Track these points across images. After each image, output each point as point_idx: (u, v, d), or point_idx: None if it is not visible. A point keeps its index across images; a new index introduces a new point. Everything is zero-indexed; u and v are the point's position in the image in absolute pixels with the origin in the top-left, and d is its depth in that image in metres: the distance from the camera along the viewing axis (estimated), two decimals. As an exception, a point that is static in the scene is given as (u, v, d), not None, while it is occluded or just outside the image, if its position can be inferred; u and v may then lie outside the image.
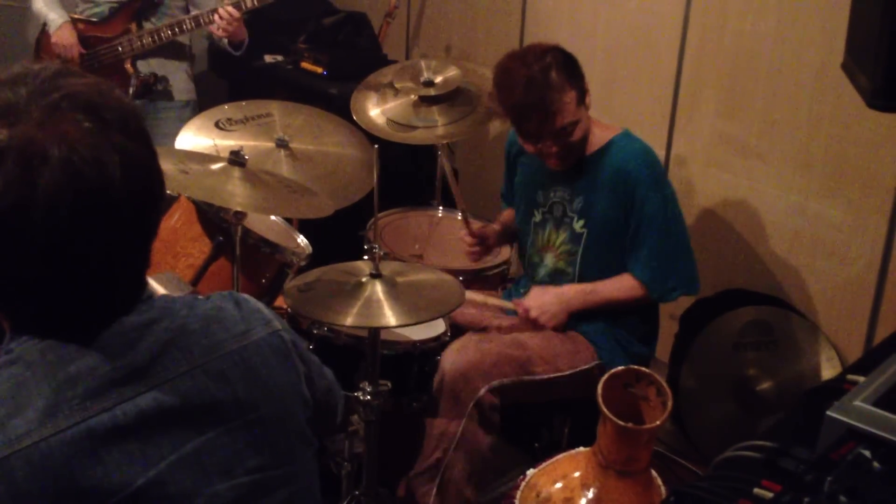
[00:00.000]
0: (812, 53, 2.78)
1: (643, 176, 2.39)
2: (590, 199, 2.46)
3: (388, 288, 2.11)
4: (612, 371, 1.79)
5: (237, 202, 2.19)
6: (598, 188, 2.43)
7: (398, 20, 4.30)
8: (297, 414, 1.22)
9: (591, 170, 2.45)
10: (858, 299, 2.78)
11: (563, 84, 2.33)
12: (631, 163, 2.40)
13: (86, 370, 1.03)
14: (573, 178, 2.49)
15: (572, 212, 2.50)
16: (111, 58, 3.43)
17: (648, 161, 2.44)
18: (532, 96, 2.32)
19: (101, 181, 1.00)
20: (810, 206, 2.87)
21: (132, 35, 3.40)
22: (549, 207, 2.56)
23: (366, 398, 2.22)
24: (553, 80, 2.31)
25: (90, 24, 3.45)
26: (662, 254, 2.42)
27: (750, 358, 2.90)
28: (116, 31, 3.42)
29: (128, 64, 3.45)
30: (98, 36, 3.44)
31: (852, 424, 1.19)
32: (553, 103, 2.32)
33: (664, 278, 2.43)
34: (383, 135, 3.02)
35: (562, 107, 2.33)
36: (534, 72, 2.32)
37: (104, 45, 3.43)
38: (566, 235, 2.52)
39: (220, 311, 1.19)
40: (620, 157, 2.42)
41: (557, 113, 2.33)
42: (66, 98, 1.02)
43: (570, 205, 2.50)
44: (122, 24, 3.42)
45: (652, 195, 2.39)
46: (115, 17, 3.44)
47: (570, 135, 2.38)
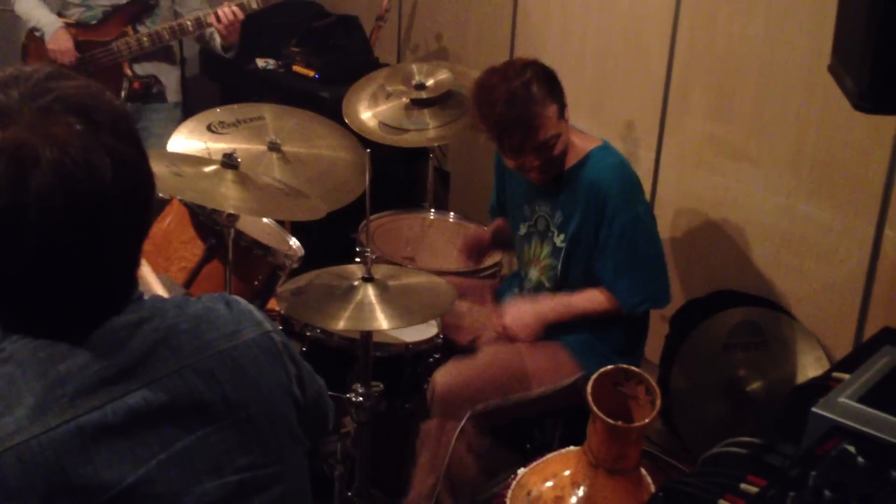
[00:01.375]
0: (800, 56, 2.80)
1: (614, 191, 2.37)
2: (567, 214, 2.46)
3: (380, 291, 2.12)
4: (601, 370, 1.81)
5: (230, 204, 2.20)
6: (575, 203, 2.43)
7: (390, 23, 4.30)
8: (287, 414, 1.23)
9: (569, 184, 2.45)
10: (847, 300, 2.80)
11: (544, 98, 2.31)
12: (604, 178, 2.39)
13: (76, 369, 1.04)
14: (553, 193, 2.49)
15: (553, 226, 2.51)
16: (108, 61, 3.43)
17: (621, 175, 2.42)
18: (514, 111, 2.29)
19: (92, 183, 1.01)
20: (799, 208, 2.89)
21: (129, 38, 3.41)
22: (534, 221, 2.57)
23: (358, 400, 2.23)
24: (535, 95, 2.30)
25: (84, 28, 3.45)
26: (629, 269, 2.40)
27: (740, 359, 2.91)
28: (112, 35, 3.42)
29: (125, 66, 3.46)
30: (93, 40, 3.43)
31: (837, 420, 1.21)
32: (535, 118, 2.30)
33: (632, 292, 2.42)
34: (375, 138, 3.03)
35: (544, 121, 2.31)
36: (515, 86, 2.30)
37: (99, 48, 3.43)
38: (549, 249, 2.53)
39: (210, 311, 1.20)
40: (594, 172, 2.41)
41: (540, 127, 2.31)
42: (58, 100, 1.02)
43: (551, 219, 2.51)
44: (118, 28, 3.42)
45: (621, 210, 2.37)
46: (110, 20, 3.44)
47: (552, 149, 2.36)
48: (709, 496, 1.20)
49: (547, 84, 2.34)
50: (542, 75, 2.34)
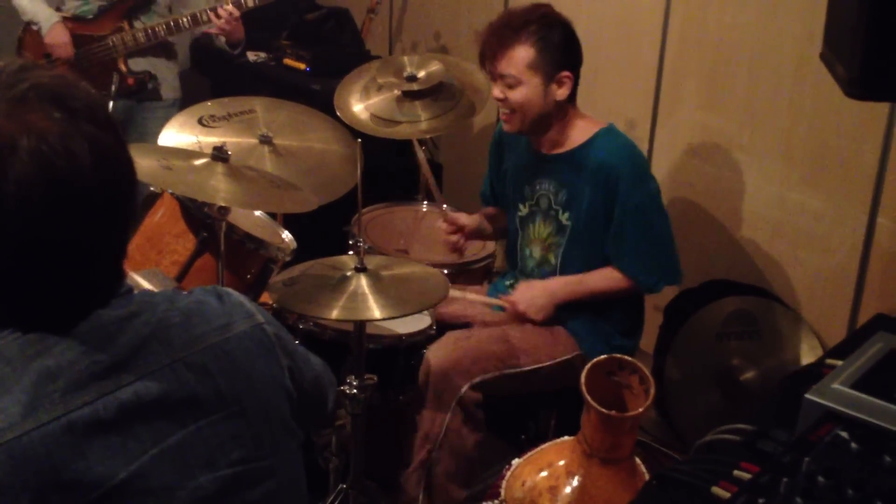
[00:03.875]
0: (792, 45, 2.80)
1: (626, 171, 2.40)
2: (574, 192, 2.47)
3: (373, 282, 2.11)
4: (595, 360, 1.80)
5: (221, 197, 2.19)
6: (581, 182, 2.44)
7: (381, 15, 4.30)
8: (280, 406, 1.22)
9: (576, 163, 2.46)
10: (840, 288, 2.80)
11: (527, 40, 2.37)
12: (614, 157, 2.41)
13: (66, 364, 1.03)
14: (558, 171, 2.50)
15: (557, 204, 2.51)
16: (103, 56, 3.41)
17: (632, 156, 2.45)
18: (498, 25, 2.41)
19: (71, 170, 1.00)
20: (792, 197, 2.89)
21: (125, 33, 3.39)
22: (535, 200, 2.57)
23: (352, 392, 2.22)
24: (522, 30, 2.37)
25: (80, 22, 3.43)
26: (647, 247, 2.43)
27: (734, 348, 2.92)
28: (107, 30, 3.40)
29: (121, 62, 3.44)
30: (89, 34, 3.41)
31: (830, 407, 1.21)
32: (504, 42, 2.38)
33: (649, 271, 2.45)
34: (367, 130, 3.02)
35: (510, 53, 2.38)
36: (516, 17, 2.40)
37: (95, 43, 3.41)
38: (552, 227, 2.53)
39: (201, 304, 1.19)
40: (604, 152, 2.43)
41: (502, 55, 2.39)
42: (33, 89, 1.02)
43: (555, 197, 2.51)
44: (114, 23, 3.40)
45: (635, 190, 2.40)
46: (106, 15, 3.42)
47: (511, 89, 2.41)
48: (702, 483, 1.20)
49: (545, 39, 2.39)
50: (550, 33, 2.40)
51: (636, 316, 2.63)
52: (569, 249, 2.51)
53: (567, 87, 2.43)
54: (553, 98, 2.43)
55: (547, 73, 2.40)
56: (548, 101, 2.43)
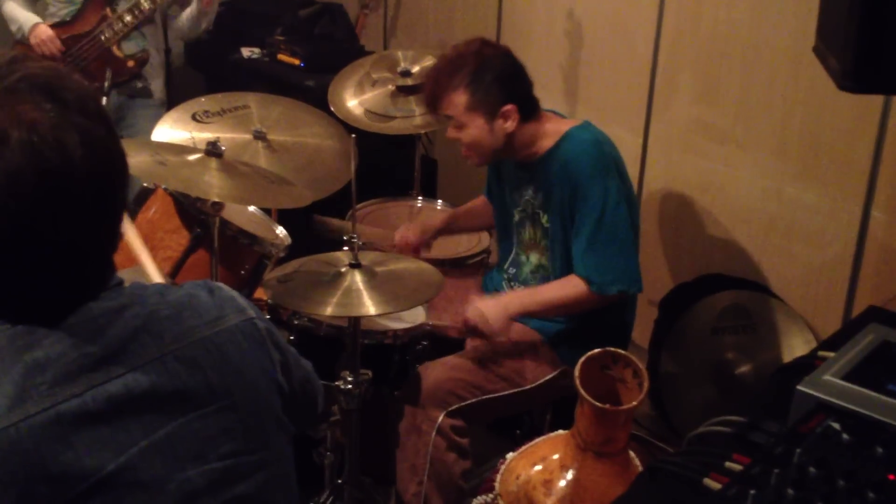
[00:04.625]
0: (786, 39, 2.79)
1: (585, 166, 2.35)
2: (547, 195, 2.45)
3: (368, 277, 2.11)
4: (589, 354, 1.81)
5: (215, 193, 2.19)
6: (551, 183, 2.43)
7: (375, 11, 4.30)
8: (271, 400, 1.22)
9: (546, 166, 2.45)
10: (834, 282, 2.81)
11: (460, 84, 2.39)
12: (575, 154, 2.38)
13: (55, 356, 1.03)
14: (534, 175, 2.49)
15: (538, 208, 2.50)
16: (97, 49, 3.41)
17: (595, 152, 2.39)
18: (434, 71, 2.49)
19: (62, 161, 1.00)
20: (786, 191, 2.89)
21: (110, 19, 3.38)
22: (522, 206, 2.57)
23: (347, 387, 2.23)
24: (455, 74, 2.40)
25: (63, 26, 3.43)
26: (599, 244, 2.35)
27: (728, 342, 2.92)
28: (92, 23, 3.40)
29: (115, 49, 3.43)
30: (76, 34, 3.41)
31: (822, 398, 1.22)
32: (440, 89, 2.43)
33: (601, 270, 2.35)
34: (361, 125, 3.02)
35: (447, 99, 2.42)
36: (451, 58, 2.44)
37: (84, 40, 3.40)
38: (540, 231, 2.53)
39: (192, 298, 1.19)
40: (568, 149, 2.40)
41: (441, 101, 2.44)
42: (24, 80, 1.02)
43: (535, 201, 2.51)
44: (96, 14, 3.40)
45: (591, 185, 2.35)
46: (87, 9, 3.41)
47: (460, 131, 2.44)
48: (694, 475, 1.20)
49: (473, 76, 2.39)
50: (479, 67, 2.39)
51: (620, 324, 2.58)
52: (552, 251, 2.50)
53: (513, 120, 2.40)
54: (502, 132, 2.42)
55: (487, 111, 2.40)
56: (496, 136, 2.43)
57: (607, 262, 2.36)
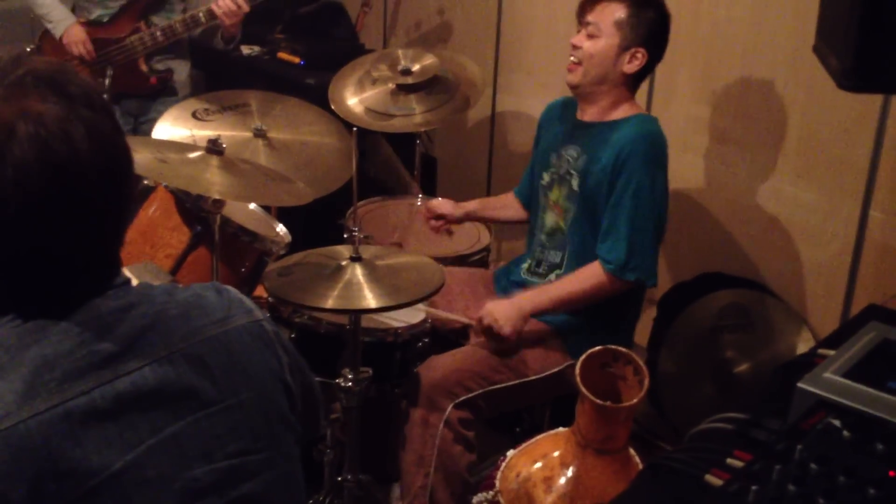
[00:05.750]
0: (784, 38, 2.80)
1: (639, 151, 2.38)
2: (591, 160, 2.47)
3: (369, 271, 2.12)
4: (589, 351, 1.81)
5: (216, 190, 2.19)
6: (601, 153, 2.44)
7: (375, 9, 4.30)
8: (278, 400, 1.23)
9: (604, 134, 2.46)
10: (833, 281, 2.81)
11: (625, 5, 2.42)
12: (634, 137, 2.41)
13: (63, 353, 1.04)
14: (586, 138, 2.51)
15: (573, 169, 2.51)
16: (123, 57, 3.41)
17: (653, 142, 2.43)
18: None
19: (68, 154, 1.01)
20: (785, 190, 2.90)
21: (143, 33, 3.39)
22: (557, 167, 2.58)
23: (347, 385, 2.23)
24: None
25: (96, 26, 3.43)
26: (633, 229, 2.37)
27: (728, 341, 2.93)
28: (125, 31, 3.40)
29: (142, 62, 3.44)
30: (107, 38, 3.41)
31: (822, 395, 1.22)
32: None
33: (626, 253, 2.37)
34: (362, 124, 3.02)
35: (605, 8, 2.43)
36: None
37: (114, 45, 3.41)
38: (566, 192, 2.53)
39: (200, 297, 1.20)
40: (635, 130, 2.43)
41: (600, 6, 2.44)
42: (30, 74, 1.03)
43: (574, 162, 2.51)
44: (131, 23, 3.40)
45: (641, 171, 2.38)
46: (122, 16, 3.41)
47: (589, 39, 2.44)
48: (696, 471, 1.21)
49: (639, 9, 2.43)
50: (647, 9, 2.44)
51: (628, 317, 2.60)
52: (576, 217, 2.51)
53: (636, 64, 2.45)
54: (620, 67, 2.45)
55: (627, 38, 2.43)
56: (615, 66, 2.45)
57: (634, 247, 2.38)
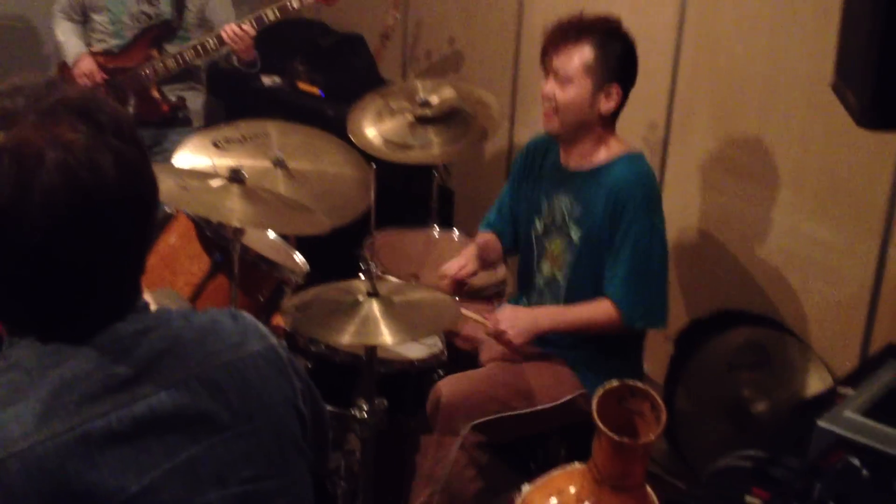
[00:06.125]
0: (803, 75, 2.81)
1: (636, 197, 2.39)
2: (586, 210, 2.47)
3: (385, 307, 2.12)
4: (607, 386, 1.80)
5: (236, 218, 2.21)
6: (596, 200, 2.44)
7: (395, 42, 4.33)
8: (292, 426, 1.22)
9: (595, 181, 2.46)
10: (851, 320, 2.79)
11: (589, 42, 2.39)
12: (629, 182, 2.41)
13: (82, 375, 1.04)
14: (577, 187, 2.50)
15: (570, 220, 2.51)
16: (136, 85, 3.45)
17: (647, 185, 2.45)
18: (566, 22, 2.43)
19: (95, 182, 1.02)
20: (802, 227, 2.89)
21: (155, 61, 3.43)
22: (551, 216, 2.57)
23: (362, 416, 2.23)
24: (587, 31, 2.40)
25: (110, 56, 3.48)
26: (638, 277, 2.39)
27: (744, 379, 2.91)
28: (137, 60, 3.44)
29: (154, 90, 3.47)
30: (120, 66, 3.46)
31: (841, 434, 1.22)
32: (568, 39, 2.40)
33: (635, 302, 2.40)
34: (380, 154, 3.04)
35: (570, 50, 2.40)
36: (584, 19, 2.43)
37: (126, 74, 3.45)
38: (564, 243, 2.53)
39: (216, 323, 1.20)
40: (621, 175, 2.43)
41: (562, 50, 2.41)
42: (61, 102, 1.04)
43: (569, 212, 2.51)
44: (143, 52, 3.44)
45: (640, 217, 2.39)
46: (135, 44, 3.46)
47: (561, 88, 2.42)
48: (714, 509, 1.20)
49: (604, 48, 2.40)
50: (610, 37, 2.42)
51: (637, 353, 2.61)
52: (575, 268, 2.50)
53: (614, 102, 2.44)
54: (598, 108, 2.44)
55: (599, 80, 2.41)
56: (592, 109, 2.44)
57: (641, 296, 2.40)
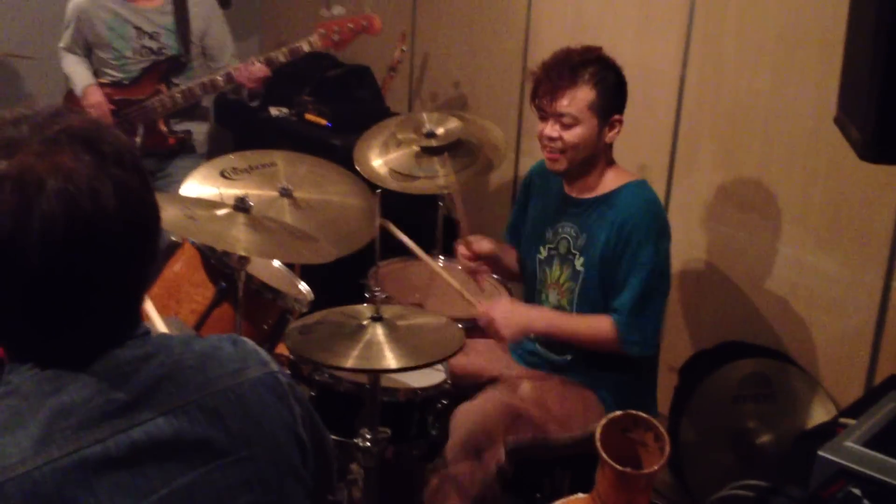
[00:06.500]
0: (806, 109, 2.83)
1: (643, 224, 2.41)
2: (592, 239, 2.48)
3: (389, 331, 2.13)
4: (610, 416, 1.80)
5: (241, 247, 2.22)
6: (601, 229, 2.45)
7: (401, 74, 4.37)
8: (290, 453, 1.23)
9: (600, 209, 2.48)
10: (856, 352, 2.79)
11: (589, 80, 2.39)
12: (636, 210, 2.42)
13: (80, 401, 1.05)
14: (582, 216, 2.52)
15: (575, 249, 2.51)
16: (143, 118, 3.49)
17: (653, 212, 2.46)
18: (560, 65, 2.39)
19: (95, 210, 1.03)
20: (807, 259, 2.90)
21: (163, 95, 3.47)
22: (556, 244, 2.58)
23: (365, 445, 2.22)
24: (582, 69, 2.38)
25: (118, 87, 3.52)
26: (642, 304, 2.40)
27: (749, 410, 2.90)
28: (146, 93, 3.49)
29: (161, 123, 3.51)
30: (128, 99, 3.50)
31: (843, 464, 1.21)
32: (569, 80, 2.37)
33: (634, 328, 2.41)
34: (385, 184, 3.06)
35: (572, 93, 2.38)
36: (576, 55, 2.41)
37: (134, 106, 3.49)
38: (568, 272, 2.54)
39: (216, 349, 1.21)
40: (627, 203, 2.44)
41: (563, 94, 2.38)
42: (65, 132, 1.05)
43: (574, 241, 2.52)
44: (152, 85, 3.49)
45: (647, 246, 2.40)
46: (144, 78, 3.51)
47: (567, 129, 2.40)
48: (715, 538, 1.20)
49: (603, 80, 2.41)
50: (606, 73, 2.42)
51: (652, 383, 2.63)
52: (581, 296, 2.51)
53: (617, 130, 2.47)
54: (603, 140, 2.46)
55: (604, 115, 2.43)
56: (599, 143, 2.46)
57: (641, 325, 2.41)
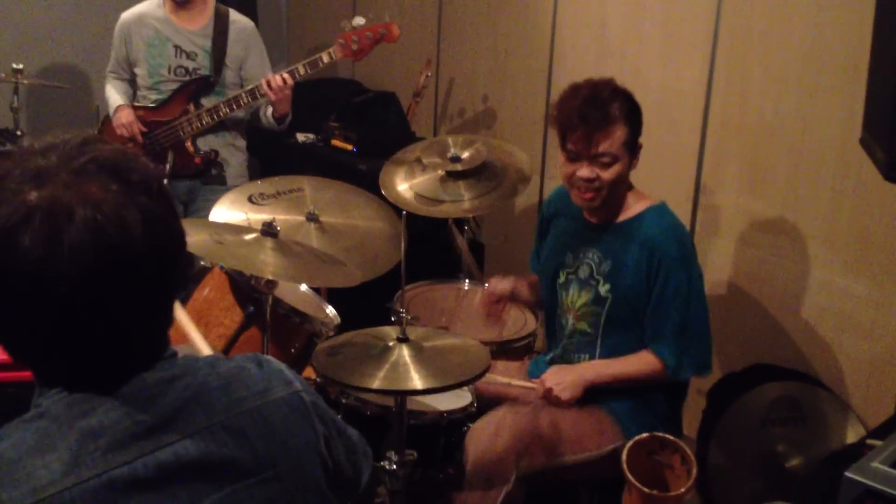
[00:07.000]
0: (833, 130, 2.82)
1: (671, 252, 2.40)
2: (617, 265, 2.47)
3: (415, 352, 2.14)
4: (636, 438, 1.80)
5: (269, 271, 2.25)
6: (626, 254, 2.45)
7: (426, 99, 4.41)
8: (314, 473, 1.24)
9: (623, 235, 2.47)
10: (886, 375, 2.76)
11: (620, 116, 2.36)
12: (662, 237, 2.42)
13: (108, 424, 1.07)
14: (604, 241, 2.51)
15: (598, 274, 2.51)
16: (172, 139, 3.55)
17: (679, 237, 2.46)
18: (591, 106, 2.35)
19: (123, 239, 1.05)
20: (835, 282, 2.88)
21: (191, 115, 3.52)
22: (575, 269, 2.57)
23: (392, 468, 2.22)
24: (614, 107, 2.36)
25: (149, 109, 3.59)
26: (682, 332, 2.40)
27: (778, 434, 2.87)
28: (175, 114, 3.54)
29: (188, 143, 3.56)
30: (157, 120, 3.56)
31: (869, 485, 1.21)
32: (605, 121, 2.34)
33: (680, 356, 2.41)
34: (411, 209, 3.07)
35: (611, 131, 2.35)
36: (601, 92, 2.38)
37: (163, 127, 3.55)
38: (589, 297, 2.53)
39: (241, 370, 1.23)
40: (653, 229, 2.44)
41: (603, 135, 2.35)
42: (93, 161, 1.08)
43: (597, 267, 2.51)
44: (180, 106, 3.54)
45: (677, 272, 2.40)
46: (173, 99, 3.56)
47: (606, 168, 2.38)
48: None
49: (629, 111, 2.39)
50: (628, 103, 2.40)
51: (678, 402, 2.61)
52: (608, 322, 2.50)
53: (638, 158, 2.46)
54: (629, 171, 2.45)
55: (633, 147, 2.43)
56: (626, 173, 2.45)
57: (689, 350, 2.42)
